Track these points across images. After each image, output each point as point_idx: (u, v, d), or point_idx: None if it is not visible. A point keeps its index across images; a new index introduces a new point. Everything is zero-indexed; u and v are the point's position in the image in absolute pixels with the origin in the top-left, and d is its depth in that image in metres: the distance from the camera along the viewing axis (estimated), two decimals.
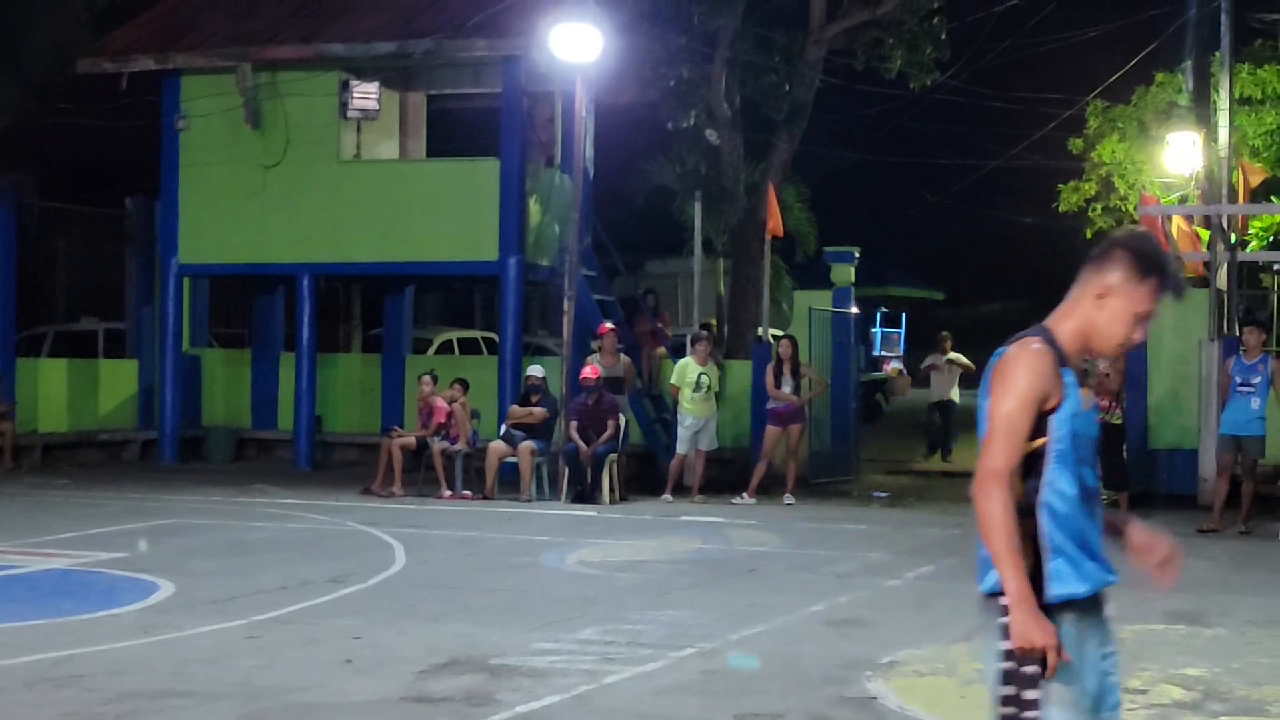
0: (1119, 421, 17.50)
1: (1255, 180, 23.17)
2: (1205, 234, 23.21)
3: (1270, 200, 26.56)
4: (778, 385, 20.01)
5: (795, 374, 20.15)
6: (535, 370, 20.62)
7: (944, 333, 27.69)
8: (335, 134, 23.69)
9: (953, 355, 26.31)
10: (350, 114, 23.35)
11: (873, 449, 25.63)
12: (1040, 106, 29.59)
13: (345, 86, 23.21)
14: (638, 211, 30.20)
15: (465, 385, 20.65)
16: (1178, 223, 22.58)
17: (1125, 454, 18.36)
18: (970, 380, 26.63)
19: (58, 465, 23.62)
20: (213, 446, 25.35)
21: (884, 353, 45.05)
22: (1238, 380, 17.27)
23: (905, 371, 41.94)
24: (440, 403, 20.37)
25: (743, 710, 8.40)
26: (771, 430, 20.00)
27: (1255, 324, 18.18)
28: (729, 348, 25.97)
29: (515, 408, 20.37)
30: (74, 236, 28.13)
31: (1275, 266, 27.34)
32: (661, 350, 23.53)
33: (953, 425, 25.96)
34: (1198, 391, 19.90)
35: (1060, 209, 29.74)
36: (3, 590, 12.45)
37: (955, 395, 26.18)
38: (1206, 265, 22.50)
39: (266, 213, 23.80)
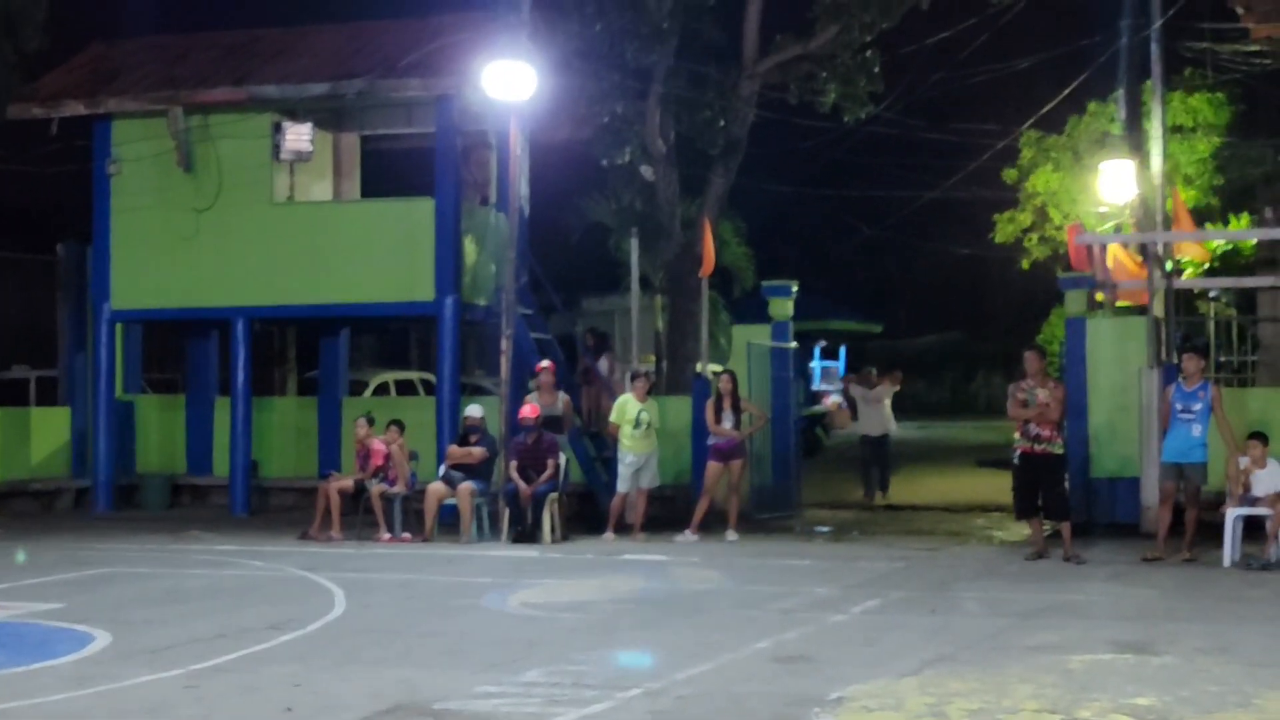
0: (1060, 451, 17.48)
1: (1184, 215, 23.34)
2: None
3: (1204, 227, 26.75)
4: (718, 420, 19.92)
5: (735, 409, 20.07)
6: (474, 410, 20.48)
7: (869, 368, 27.29)
8: (268, 176, 23.51)
9: (872, 390, 25.71)
10: (283, 156, 23.19)
11: (813, 483, 25.56)
12: (974, 138, 29.78)
13: (278, 128, 23.06)
14: (574, 248, 30.16)
15: (401, 427, 20.49)
16: (1114, 251, 22.66)
17: (1067, 484, 18.34)
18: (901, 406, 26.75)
19: None
20: (147, 494, 25.03)
21: (823, 386, 45.04)
22: (1178, 407, 17.29)
23: (845, 405, 41.92)
24: (378, 444, 20.20)
25: None
26: (713, 466, 19.91)
27: (1194, 350, 18.22)
28: (668, 384, 25.90)
29: (454, 448, 20.22)
30: (5, 283, 27.81)
31: (1211, 293, 27.48)
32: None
33: (889, 460, 25.73)
34: (1138, 420, 19.94)
35: (996, 240, 29.89)
36: None
37: (890, 428, 25.75)
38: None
39: (200, 256, 23.59)
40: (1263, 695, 9.67)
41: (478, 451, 19.90)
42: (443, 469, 20.07)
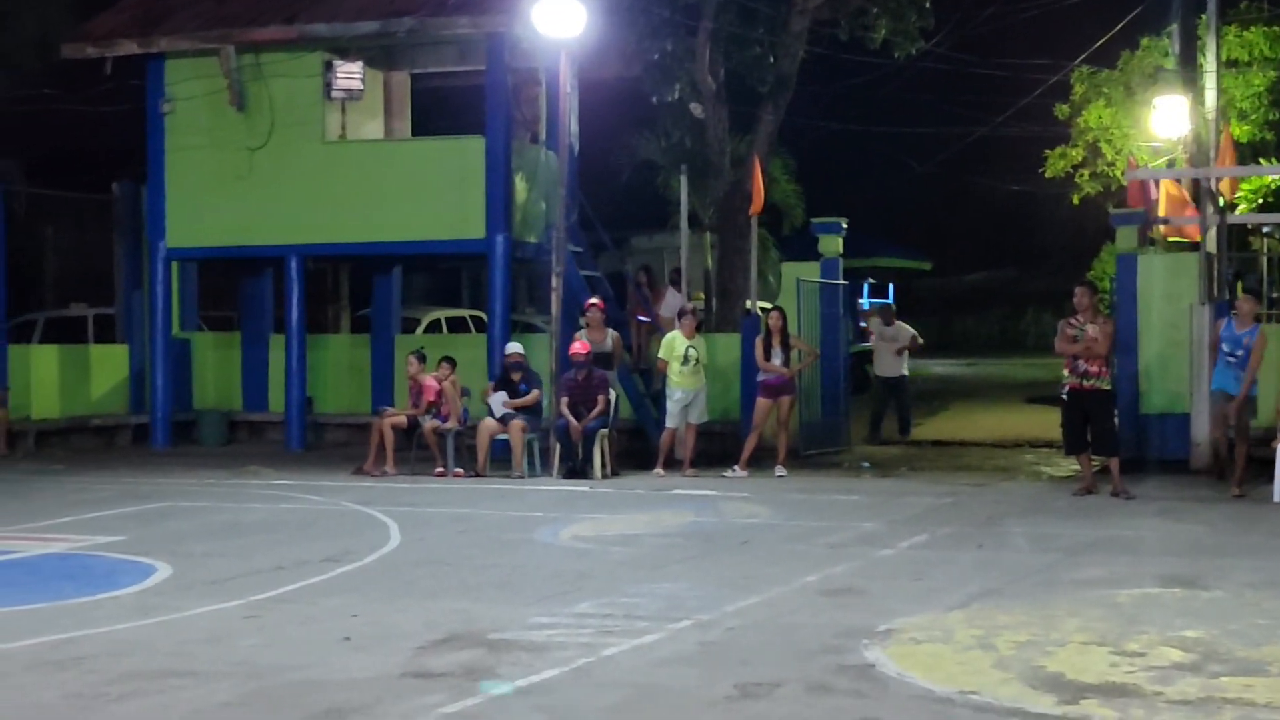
0: (1108, 387, 17.49)
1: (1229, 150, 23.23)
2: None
3: (1258, 162, 26.60)
4: (768, 357, 20.00)
5: (785, 346, 20.15)
6: (515, 348, 20.62)
7: (890, 304, 26.61)
8: (320, 115, 23.64)
9: (890, 328, 25.29)
10: (334, 94, 23.32)
11: (862, 419, 25.61)
12: (1026, 73, 29.65)
13: (329, 67, 23.18)
14: (623, 187, 30.21)
15: (453, 363, 20.65)
16: (1166, 187, 22.59)
17: (1116, 420, 18.36)
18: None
19: (51, 451, 23.59)
20: (204, 430, 25.35)
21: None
22: (1225, 349, 17.31)
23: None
24: (430, 381, 20.38)
25: (742, 680, 8.43)
26: (762, 402, 20.01)
27: (1252, 292, 18.19)
28: (717, 321, 25.98)
29: (493, 393, 20.22)
30: (62, 223, 28.10)
31: (1265, 229, 27.36)
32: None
33: (908, 401, 25.55)
34: (1189, 356, 19.93)
35: (1047, 175, 29.77)
36: (2, 575, 12.45)
37: (904, 369, 25.25)
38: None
39: (253, 195, 23.77)
40: None
41: (529, 398, 20.02)
42: (495, 407, 20.14)
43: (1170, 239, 23.20)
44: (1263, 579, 11.71)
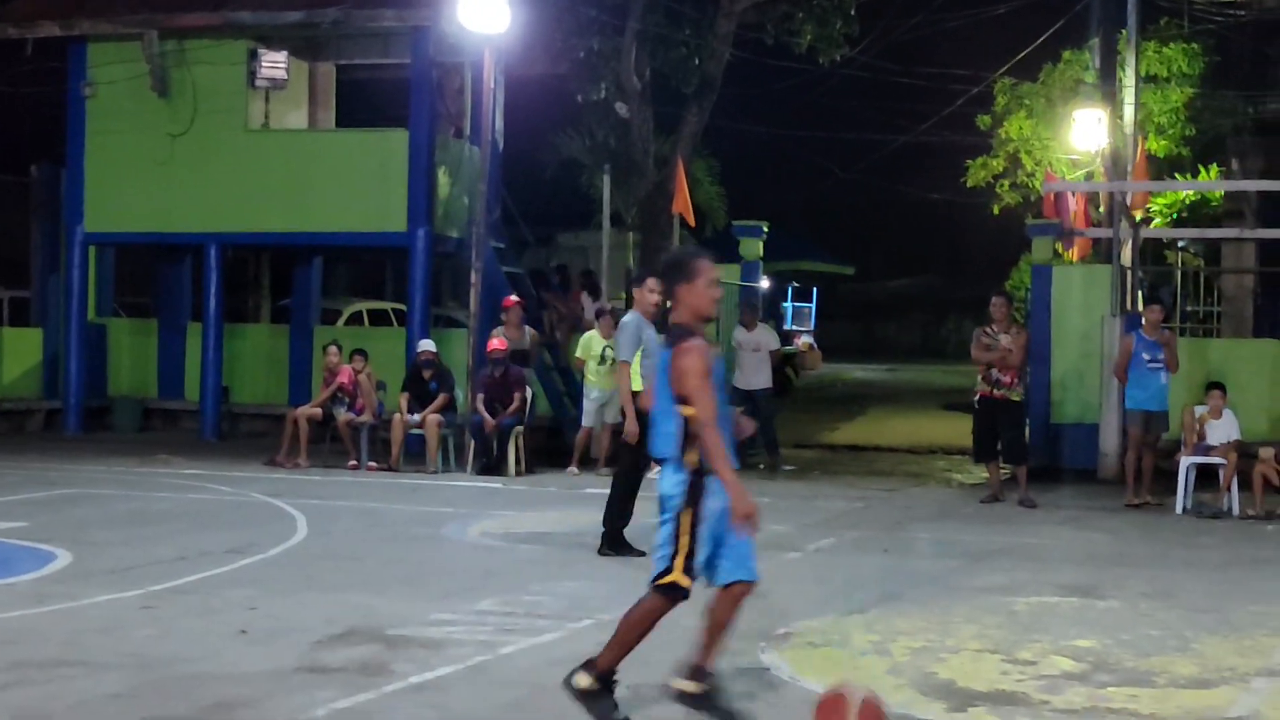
0: (1019, 398, 17.65)
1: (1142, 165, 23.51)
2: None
3: (1174, 177, 26.89)
4: None
5: None
6: (427, 345, 20.59)
7: (752, 301, 22.87)
8: (243, 103, 23.53)
9: (752, 334, 21.61)
10: (259, 83, 23.21)
11: (781, 422, 25.66)
12: (949, 83, 29.84)
13: (254, 55, 23.07)
14: (547, 184, 30.20)
15: (365, 356, 20.60)
16: (1078, 200, 22.88)
17: (1026, 429, 18.54)
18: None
19: None
20: (118, 416, 25.16)
21: (795, 327, 45.18)
22: (1145, 357, 17.49)
23: (816, 346, 42.12)
24: (345, 370, 20.34)
25: (636, 681, 8.44)
26: None
27: (1157, 302, 18.48)
28: None
29: (404, 401, 20.15)
30: None
31: (1179, 244, 27.66)
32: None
33: (771, 419, 21.55)
34: (1100, 367, 20.13)
35: (968, 185, 29.97)
36: None
37: (768, 381, 21.65)
38: (1097, 241, 22.84)
39: (174, 181, 23.61)
40: (1201, 640, 9.87)
41: (439, 404, 19.97)
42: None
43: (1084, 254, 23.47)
44: (1158, 589, 11.86)
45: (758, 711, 7.88)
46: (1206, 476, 17.27)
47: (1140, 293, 21.88)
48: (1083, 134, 26.78)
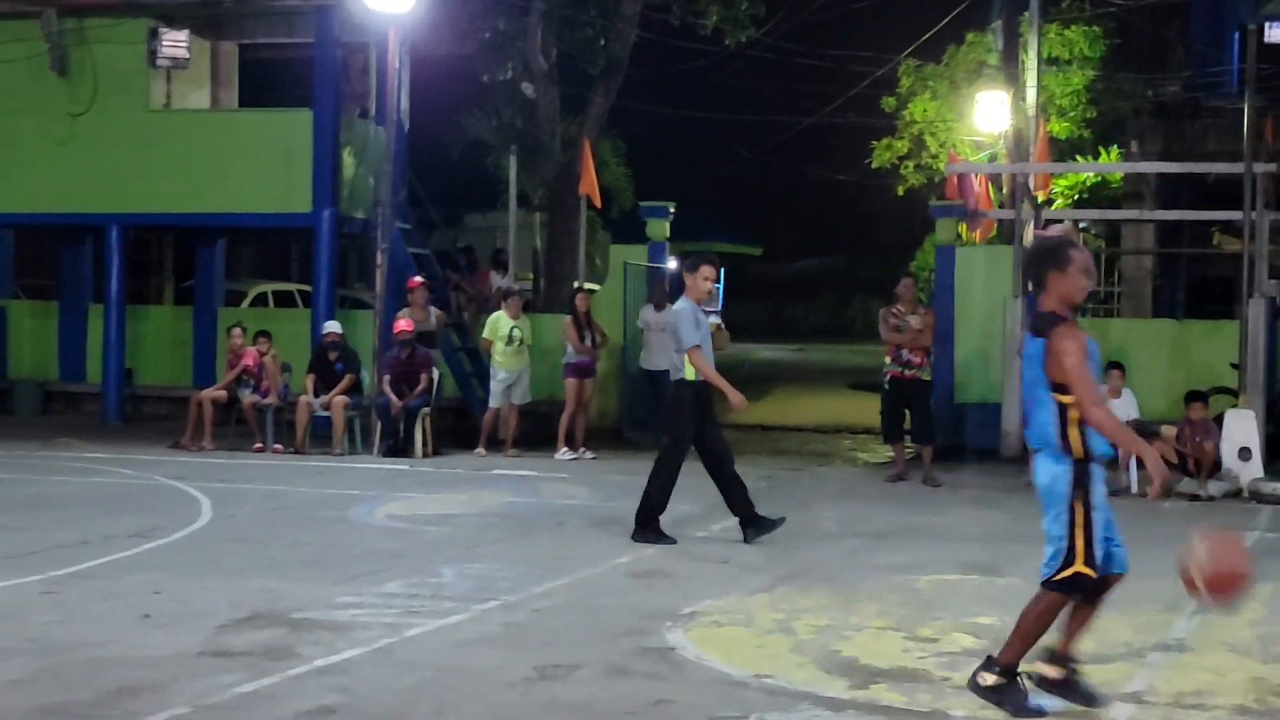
0: (928, 377, 17.81)
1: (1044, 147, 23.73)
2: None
3: (1075, 159, 27.19)
4: (581, 339, 20.07)
5: (592, 327, 20.25)
6: (332, 327, 20.49)
7: (660, 281, 22.36)
8: (144, 83, 23.29)
9: (660, 314, 20.18)
10: (160, 62, 22.96)
11: None
12: (854, 65, 29.99)
13: (154, 34, 22.80)
14: (454, 164, 30.08)
15: (270, 337, 20.49)
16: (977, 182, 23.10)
17: (932, 409, 18.69)
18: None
19: None
20: (19, 399, 24.86)
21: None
22: None
23: (724, 326, 42.19)
24: (250, 351, 20.23)
25: (542, 662, 8.48)
26: (571, 382, 20.01)
27: None
28: (545, 301, 26.01)
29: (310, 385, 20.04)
30: None
31: (1081, 225, 27.94)
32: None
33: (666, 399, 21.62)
34: (1003, 347, 20.32)
35: (873, 166, 30.18)
36: None
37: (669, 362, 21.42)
38: (1000, 222, 23.05)
39: (74, 161, 23.33)
40: (1099, 616, 9.98)
41: (344, 385, 19.88)
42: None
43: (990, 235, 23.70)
44: None
45: (663, 691, 7.92)
46: None
47: None
48: (986, 116, 27.02)
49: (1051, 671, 7.73)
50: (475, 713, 7.53)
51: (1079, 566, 7.45)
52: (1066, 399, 7.40)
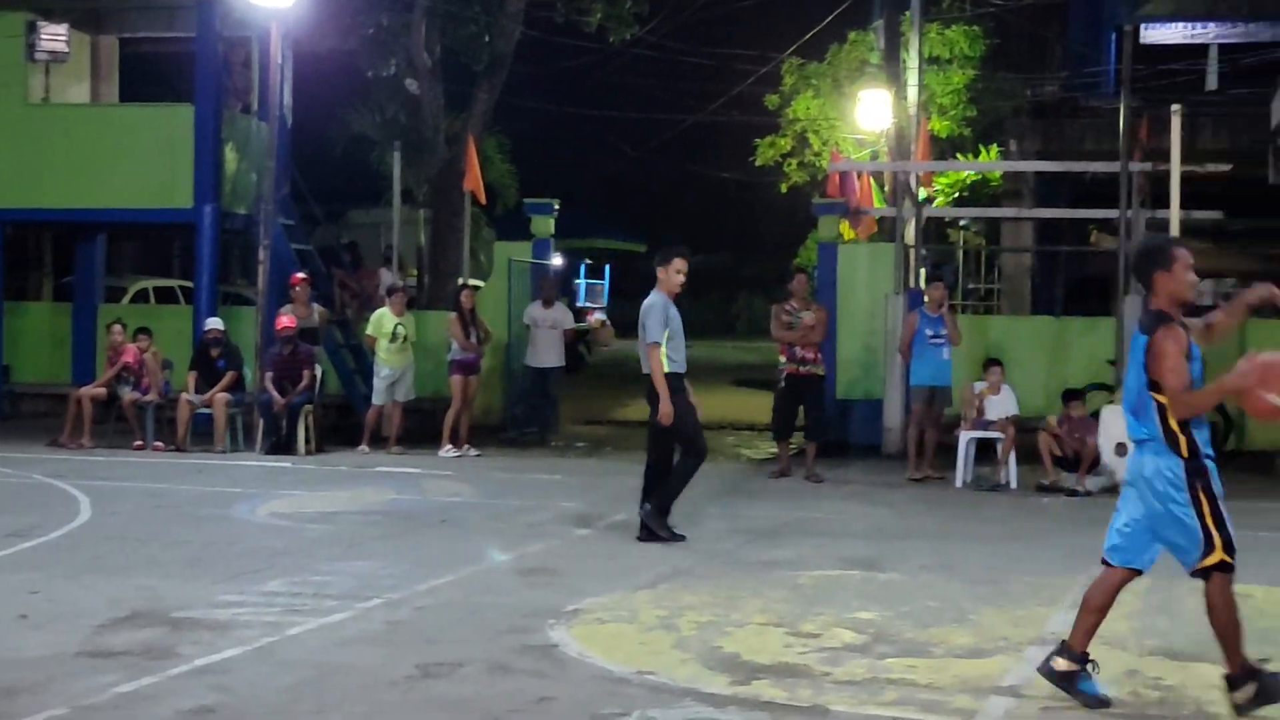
0: (822, 373, 17.95)
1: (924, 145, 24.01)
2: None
3: (956, 157, 27.49)
4: (466, 336, 20.06)
5: (476, 324, 20.25)
6: (214, 323, 20.34)
7: (547, 275, 23.01)
8: (22, 76, 22.95)
9: (549, 311, 21.69)
10: (38, 56, 22.65)
11: (574, 399, 25.80)
12: (737, 63, 30.16)
13: (32, 28, 22.50)
14: (338, 160, 29.94)
15: (150, 334, 20.31)
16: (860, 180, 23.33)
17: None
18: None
19: None
20: None
21: (588, 304, 45.44)
22: (928, 333, 17.87)
23: (609, 322, 42.38)
24: (130, 348, 20.02)
25: (424, 660, 8.48)
26: (456, 379, 19.99)
27: (939, 280, 18.92)
28: (429, 298, 25.95)
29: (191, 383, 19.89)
30: None
31: (961, 223, 28.28)
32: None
33: (554, 396, 22.16)
34: (885, 344, 20.51)
35: (757, 164, 30.34)
36: None
37: (561, 359, 21.96)
38: (882, 220, 23.28)
39: None
40: (978, 611, 10.14)
41: (226, 382, 19.74)
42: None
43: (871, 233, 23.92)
44: (937, 562, 12.17)
45: (545, 688, 7.95)
46: (985, 450, 17.72)
47: (923, 271, 22.39)
48: (868, 114, 27.26)
49: (1063, 664, 7.82)
50: (357, 711, 7.52)
51: (1220, 555, 7.46)
52: (1162, 398, 7.51)
